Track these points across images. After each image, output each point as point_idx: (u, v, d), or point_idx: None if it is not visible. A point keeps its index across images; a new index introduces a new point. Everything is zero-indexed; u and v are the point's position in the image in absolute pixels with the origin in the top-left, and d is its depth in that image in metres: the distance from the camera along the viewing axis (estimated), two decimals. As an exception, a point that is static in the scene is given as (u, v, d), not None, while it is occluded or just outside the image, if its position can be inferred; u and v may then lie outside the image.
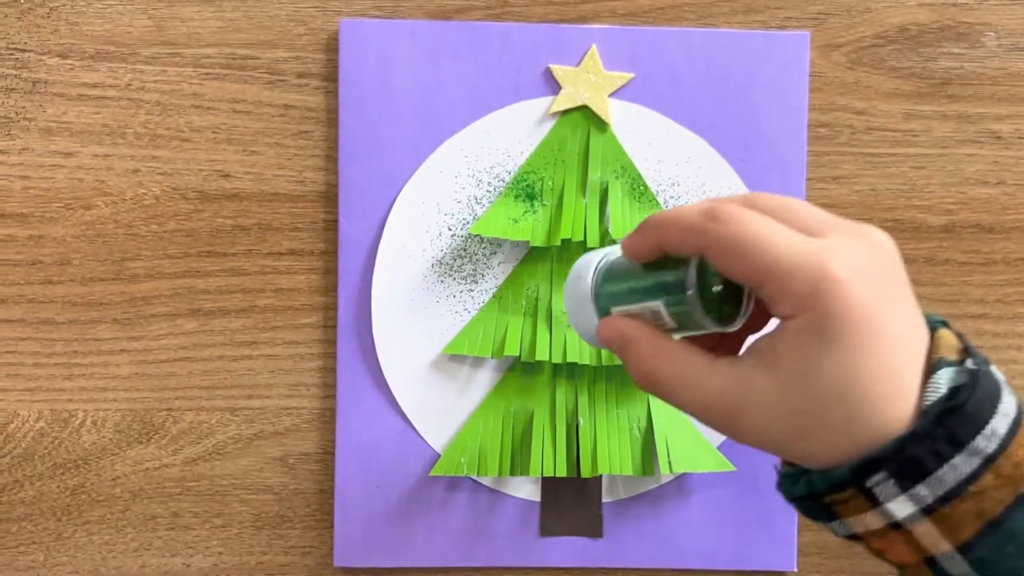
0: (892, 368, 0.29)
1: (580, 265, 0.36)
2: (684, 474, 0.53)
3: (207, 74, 0.52)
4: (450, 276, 0.52)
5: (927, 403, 0.29)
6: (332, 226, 0.52)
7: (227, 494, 0.52)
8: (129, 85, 0.51)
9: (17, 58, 0.51)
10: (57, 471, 0.52)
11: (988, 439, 0.28)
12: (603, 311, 0.35)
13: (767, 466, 0.52)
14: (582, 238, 0.51)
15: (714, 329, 0.32)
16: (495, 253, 0.52)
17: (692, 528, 0.53)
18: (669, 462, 0.51)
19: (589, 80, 0.51)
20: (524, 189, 0.52)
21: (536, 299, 0.52)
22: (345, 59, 0.51)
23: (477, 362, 0.52)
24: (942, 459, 0.28)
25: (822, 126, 0.53)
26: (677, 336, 0.34)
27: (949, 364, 0.29)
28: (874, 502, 0.29)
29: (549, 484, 0.52)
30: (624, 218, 0.51)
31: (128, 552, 0.52)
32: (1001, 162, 0.53)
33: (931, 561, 0.29)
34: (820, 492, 0.30)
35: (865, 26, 0.53)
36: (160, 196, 0.52)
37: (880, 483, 0.28)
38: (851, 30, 0.53)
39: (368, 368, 0.52)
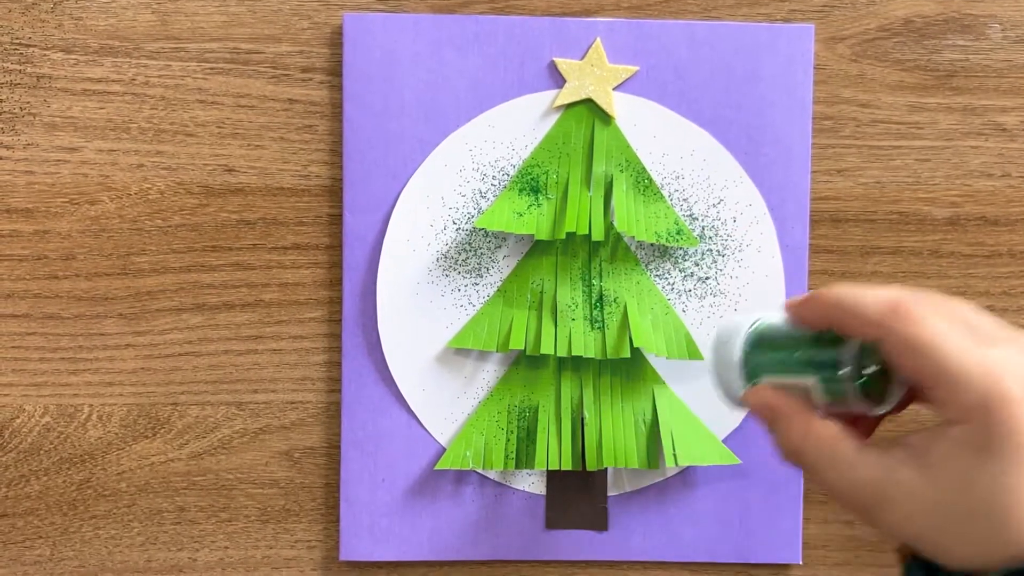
0: None
1: (728, 328, 0.37)
2: (689, 467, 0.53)
3: (211, 69, 0.52)
4: (455, 270, 0.52)
5: None
6: (337, 220, 0.52)
7: (233, 488, 0.53)
8: (133, 80, 0.51)
9: (21, 53, 0.51)
10: (63, 466, 0.52)
11: None
12: (751, 377, 0.36)
13: (774, 459, 0.52)
14: (587, 231, 0.51)
15: (862, 409, 0.33)
16: (500, 247, 0.52)
17: (697, 521, 0.53)
18: (674, 455, 0.51)
19: (593, 73, 0.51)
20: (529, 183, 0.52)
21: (541, 292, 0.52)
22: (349, 53, 0.51)
23: (482, 356, 0.52)
24: None
25: (827, 118, 0.53)
26: (821, 412, 0.34)
27: None
28: None
29: (554, 477, 0.52)
30: (628, 211, 0.51)
31: (134, 546, 0.53)
32: (1006, 154, 0.53)
33: None
34: None
35: (870, 18, 0.53)
36: (165, 191, 0.52)
37: None
38: (856, 22, 0.53)
39: (373, 362, 0.52)
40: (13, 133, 0.51)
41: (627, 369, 0.52)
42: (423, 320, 0.52)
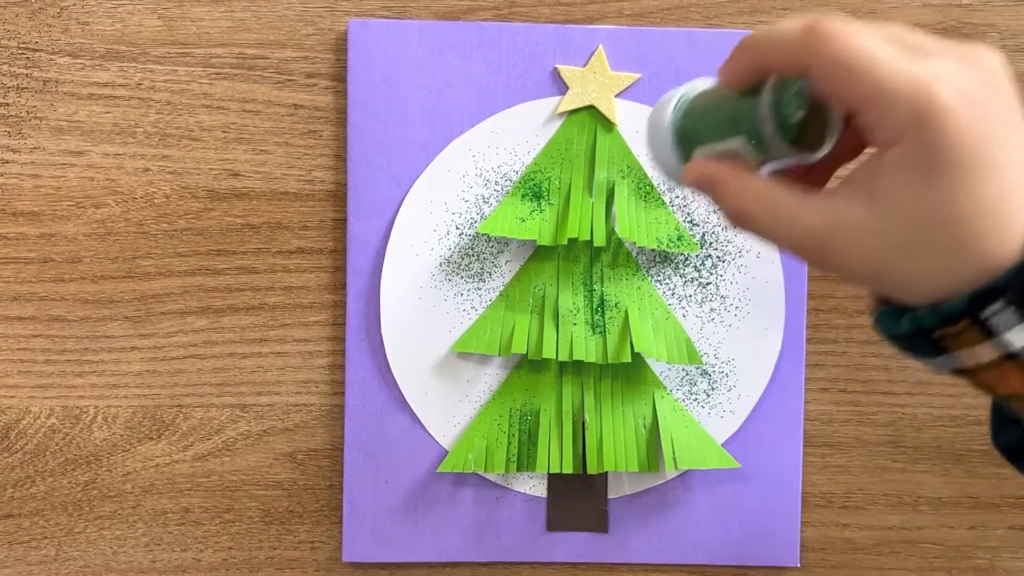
0: (1001, 197, 0.27)
1: (659, 106, 0.35)
2: (689, 471, 0.53)
3: (217, 74, 0.52)
4: (458, 274, 0.52)
5: None
6: (341, 225, 0.53)
7: (237, 490, 0.53)
8: (139, 84, 0.52)
9: (28, 57, 0.52)
10: (68, 467, 0.53)
11: None
12: (686, 152, 0.34)
13: (773, 463, 0.53)
14: (588, 237, 0.51)
15: (798, 158, 0.31)
16: (502, 252, 0.53)
17: (697, 524, 0.53)
18: (674, 459, 0.52)
19: (596, 80, 0.52)
20: (531, 188, 0.52)
21: (543, 297, 0.52)
22: (354, 59, 0.51)
23: (484, 360, 0.53)
24: None
25: (827, 126, 0.53)
26: (765, 171, 0.33)
27: None
28: (989, 333, 0.28)
29: (555, 480, 0.53)
30: (630, 217, 0.52)
31: (139, 547, 0.53)
32: (1004, 162, 0.54)
33: None
34: (929, 327, 0.29)
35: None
36: (170, 195, 0.52)
37: (997, 312, 0.27)
38: (856, 31, 0.53)
39: (376, 365, 0.52)
40: (20, 137, 0.52)
41: (628, 373, 0.53)
42: (426, 324, 0.52)
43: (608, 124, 0.52)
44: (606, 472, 0.53)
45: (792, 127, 0.31)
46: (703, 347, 0.53)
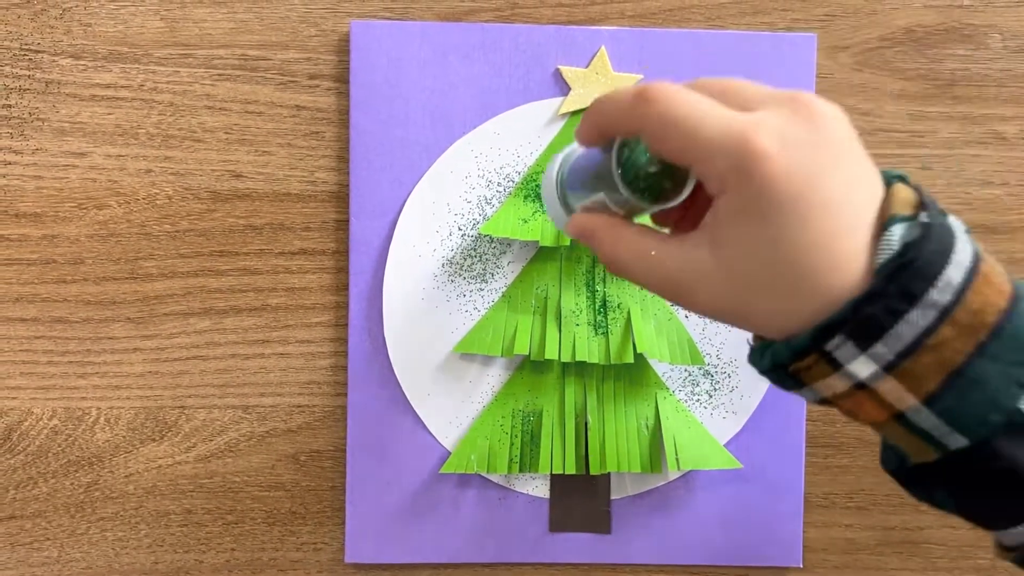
0: (830, 234, 0.28)
1: (550, 165, 0.38)
2: (691, 471, 0.53)
3: (219, 75, 0.52)
4: (460, 275, 0.52)
5: (879, 261, 0.28)
6: (343, 226, 0.53)
7: (239, 491, 0.53)
8: (142, 86, 0.52)
9: (30, 59, 0.51)
10: (71, 468, 0.53)
11: (942, 291, 0.28)
12: (570, 208, 0.37)
13: (775, 464, 0.53)
14: (591, 238, 0.51)
15: (655, 209, 0.33)
16: (505, 253, 0.53)
17: (699, 525, 0.53)
18: (677, 460, 0.52)
19: (598, 81, 0.52)
20: (534, 189, 0.52)
21: (545, 298, 0.52)
22: (356, 60, 0.51)
23: (487, 361, 0.53)
24: (897, 315, 0.28)
25: (829, 127, 0.53)
26: (639, 219, 0.35)
27: (903, 219, 0.29)
28: (835, 365, 0.29)
29: (558, 481, 0.53)
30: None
31: (141, 548, 0.53)
32: (1006, 163, 0.54)
33: (900, 416, 0.30)
34: (784, 362, 0.30)
35: (871, 28, 0.53)
36: (173, 196, 0.52)
37: (839, 346, 0.29)
38: (857, 32, 0.53)
39: (379, 366, 0.52)
40: (22, 138, 0.52)
41: (630, 374, 0.53)
42: (428, 325, 0.52)
43: (610, 125, 0.52)
44: (609, 473, 0.53)
45: (646, 181, 0.33)
46: (705, 348, 0.53)
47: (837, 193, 0.29)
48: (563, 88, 0.52)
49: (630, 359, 0.51)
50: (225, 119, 0.52)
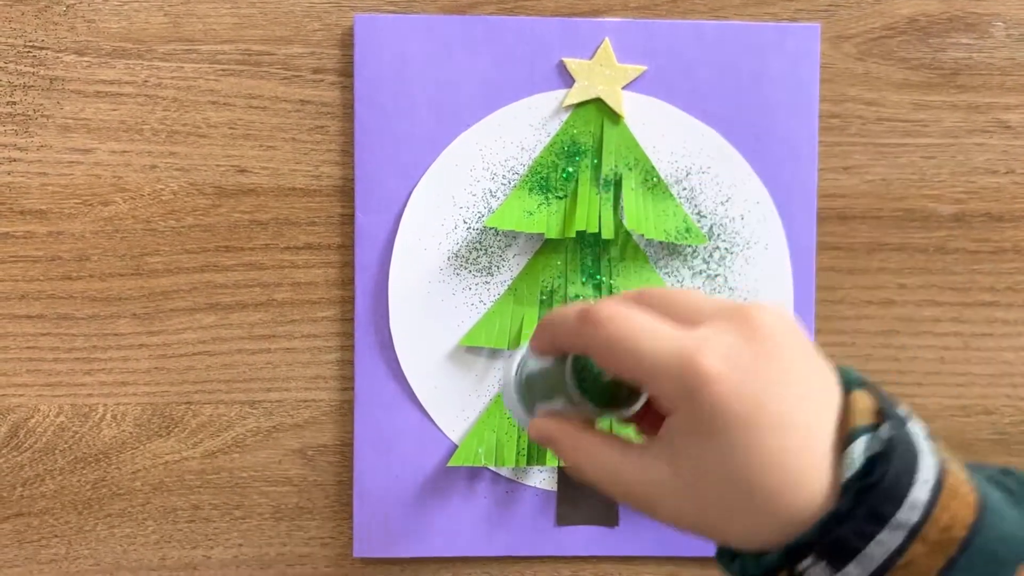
0: (787, 453, 0.28)
1: (507, 364, 0.38)
2: (699, 463, 0.53)
3: (223, 70, 0.52)
4: (466, 269, 0.52)
5: (845, 478, 0.28)
6: (348, 220, 0.53)
7: (247, 486, 0.53)
8: (146, 82, 0.52)
9: (35, 55, 0.51)
10: (78, 465, 0.53)
11: (910, 511, 0.27)
12: (530, 409, 0.37)
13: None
14: (596, 230, 0.51)
15: (612, 416, 0.33)
16: (510, 245, 0.53)
17: (707, 516, 0.53)
18: (684, 451, 0.52)
19: (602, 73, 0.52)
20: (538, 182, 0.52)
21: (551, 291, 0.52)
22: (360, 54, 0.51)
23: (493, 353, 0.53)
24: (867, 537, 0.27)
25: (833, 117, 0.53)
26: (608, 421, 0.34)
27: (864, 431, 0.28)
28: None
29: (565, 474, 0.53)
30: (638, 209, 0.52)
31: (149, 544, 0.53)
32: (1010, 151, 0.54)
33: None
34: (755, 575, 0.30)
35: (875, 17, 0.53)
36: (177, 192, 0.52)
37: (811, 567, 0.28)
38: (861, 21, 0.53)
39: (385, 360, 0.52)
40: (27, 135, 0.52)
41: (637, 366, 0.52)
42: (435, 318, 0.52)
43: (615, 116, 0.52)
44: (616, 465, 0.53)
45: (602, 389, 0.33)
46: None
47: (788, 411, 0.28)
48: (567, 80, 0.52)
49: (637, 350, 0.51)
50: (229, 114, 0.52)
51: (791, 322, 0.30)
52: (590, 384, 0.33)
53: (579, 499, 0.53)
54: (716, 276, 0.53)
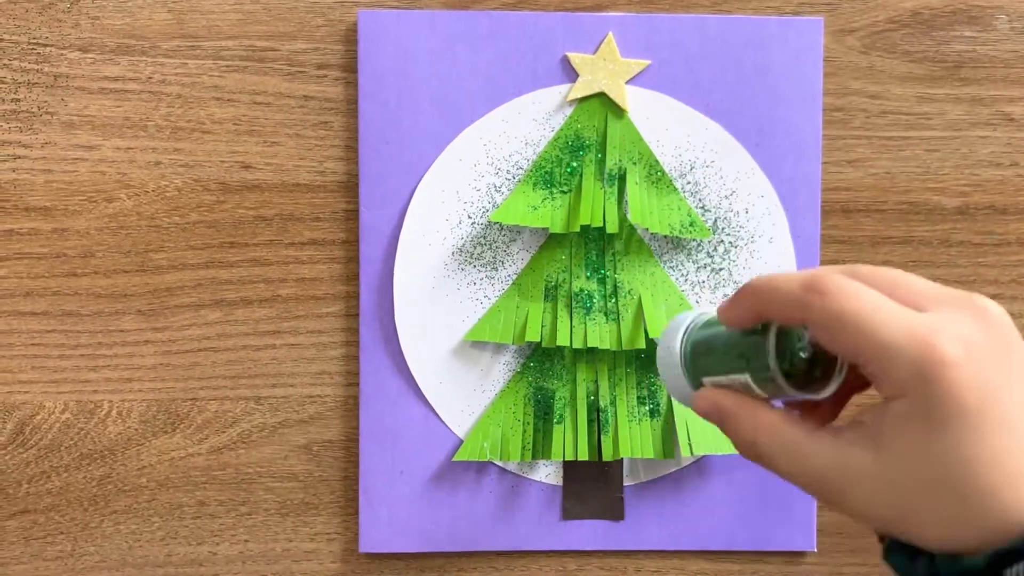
0: (1011, 452, 0.27)
1: (669, 332, 0.36)
2: (704, 456, 0.53)
3: (227, 66, 0.52)
4: (470, 264, 0.52)
5: None
6: (353, 215, 0.53)
7: (252, 482, 0.53)
8: (150, 78, 0.52)
9: (39, 52, 0.52)
10: (83, 462, 0.53)
11: None
12: (695, 381, 0.35)
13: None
14: (601, 224, 0.51)
15: (803, 398, 0.32)
16: (515, 240, 0.53)
17: (712, 510, 0.53)
18: (690, 445, 0.52)
19: (606, 67, 0.52)
20: (543, 176, 0.52)
21: (555, 285, 0.52)
22: (364, 50, 0.52)
23: (498, 348, 0.53)
24: None
25: (837, 110, 0.53)
26: (775, 400, 0.33)
27: None
28: None
29: (571, 468, 0.53)
30: (642, 204, 0.52)
31: (155, 541, 0.53)
32: (1014, 144, 0.54)
33: None
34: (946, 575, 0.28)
35: (878, 11, 0.53)
36: (182, 188, 0.52)
37: (1020, 573, 0.27)
38: (864, 15, 0.53)
39: (390, 355, 0.52)
40: (31, 132, 0.52)
41: (642, 360, 0.53)
42: (439, 314, 0.52)
43: (619, 111, 0.52)
44: (621, 459, 0.53)
45: (797, 369, 0.32)
46: (717, 333, 0.53)
47: (1016, 407, 0.28)
48: (571, 75, 0.52)
49: (642, 345, 0.51)
50: (233, 110, 0.52)
51: (1009, 318, 0.30)
52: (785, 360, 0.31)
53: (585, 493, 0.53)
54: (720, 270, 0.53)
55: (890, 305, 0.29)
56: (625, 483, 0.53)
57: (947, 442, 0.27)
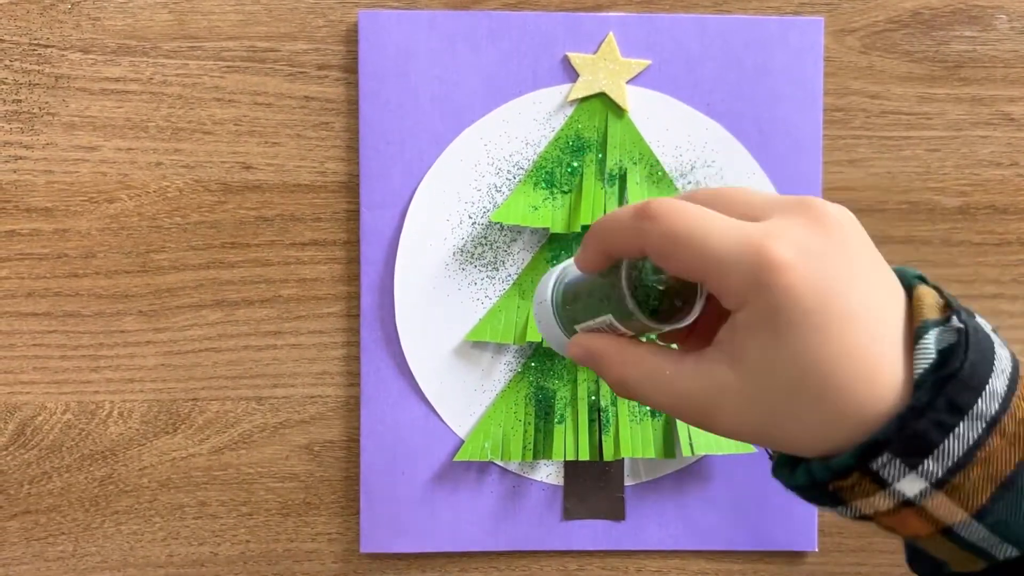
0: (859, 346, 0.27)
1: (540, 288, 0.37)
2: (705, 456, 0.53)
3: (228, 67, 0.52)
4: (471, 264, 0.52)
5: (918, 372, 0.27)
6: (354, 216, 0.53)
7: (253, 482, 0.53)
8: (151, 79, 0.52)
9: (40, 53, 0.52)
10: (85, 462, 0.53)
11: (989, 401, 0.26)
12: (569, 330, 0.36)
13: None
14: (601, 224, 0.51)
15: (667, 329, 0.32)
16: (515, 240, 0.53)
17: (713, 510, 0.53)
18: (690, 445, 0.52)
19: (606, 67, 0.52)
20: (543, 176, 0.52)
21: (557, 285, 0.52)
22: (364, 50, 0.52)
23: (499, 348, 0.53)
24: (946, 429, 0.26)
25: (837, 110, 0.53)
26: (644, 339, 0.33)
27: (935, 325, 0.27)
28: (882, 483, 0.27)
29: (572, 468, 0.53)
30: (643, 204, 0.52)
31: (156, 541, 0.53)
32: (1014, 144, 0.54)
33: (947, 531, 0.28)
34: (822, 480, 0.28)
35: (878, 11, 0.53)
36: (183, 188, 0.52)
37: (886, 464, 0.27)
38: (864, 15, 0.53)
39: (391, 356, 0.52)
40: (32, 133, 0.52)
41: (643, 360, 0.52)
42: (440, 314, 0.52)
43: (619, 111, 0.52)
44: (622, 459, 0.53)
45: (654, 301, 0.31)
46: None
47: (859, 301, 0.27)
48: (571, 75, 0.52)
49: (642, 344, 0.51)
50: (234, 111, 0.52)
51: (852, 216, 0.29)
52: (642, 295, 0.31)
53: (586, 493, 0.53)
54: (721, 270, 0.53)
55: (721, 219, 0.28)
56: (626, 483, 0.53)
57: (795, 346, 0.27)
